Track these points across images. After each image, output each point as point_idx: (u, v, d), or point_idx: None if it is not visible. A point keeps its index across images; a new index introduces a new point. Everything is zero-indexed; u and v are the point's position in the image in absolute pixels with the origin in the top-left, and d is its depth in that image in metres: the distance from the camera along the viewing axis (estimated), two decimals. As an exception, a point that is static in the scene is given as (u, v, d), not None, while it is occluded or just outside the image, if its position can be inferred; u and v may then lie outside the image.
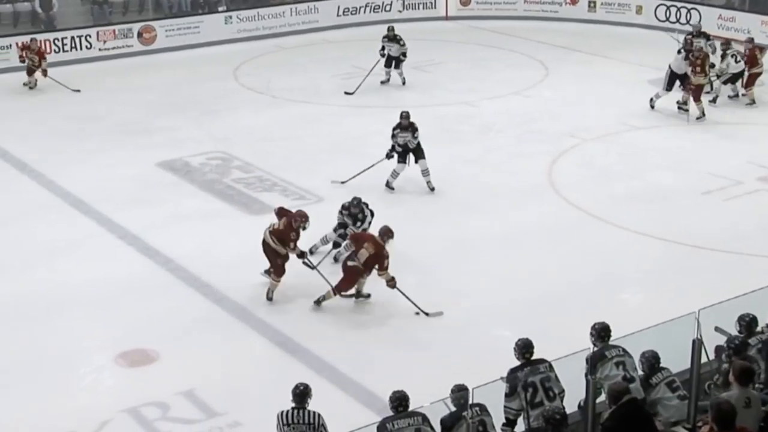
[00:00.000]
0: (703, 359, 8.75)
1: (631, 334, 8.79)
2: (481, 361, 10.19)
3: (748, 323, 9.27)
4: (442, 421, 8.06)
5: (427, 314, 11.82)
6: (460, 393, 8.12)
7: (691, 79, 19.05)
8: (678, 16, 26.53)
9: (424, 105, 20.25)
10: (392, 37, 21.41)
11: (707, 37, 21.30)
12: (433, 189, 15.66)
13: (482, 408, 8.10)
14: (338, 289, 12.01)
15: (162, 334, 11.49)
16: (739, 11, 25.74)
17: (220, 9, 26.60)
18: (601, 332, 8.96)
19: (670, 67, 19.63)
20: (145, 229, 14.35)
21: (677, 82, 19.51)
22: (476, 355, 10.82)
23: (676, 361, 8.78)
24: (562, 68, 23.25)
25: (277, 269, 12.19)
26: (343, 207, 13.38)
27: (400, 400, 8.07)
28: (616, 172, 16.69)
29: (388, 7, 28.03)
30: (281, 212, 12.44)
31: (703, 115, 19.00)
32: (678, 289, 12.24)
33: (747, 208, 15.13)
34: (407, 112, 15.88)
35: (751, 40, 21.03)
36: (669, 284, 12.59)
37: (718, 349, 9.02)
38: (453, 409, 8.08)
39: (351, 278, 12.00)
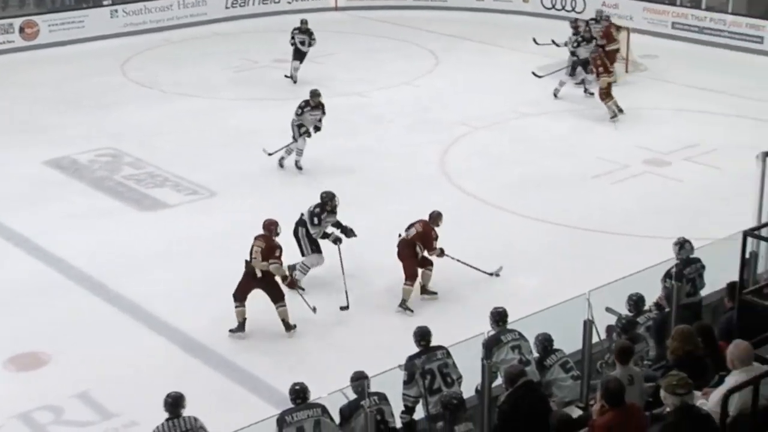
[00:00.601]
0: (596, 339, 8.97)
1: (527, 317, 8.94)
2: (383, 350, 10.25)
3: (635, 302, 9.54)
4: (341, 411, 8.08)
5: (490, 274, 12.51)
6: (358, 381, 8.15)
7: (597, 79, 19.19)
8: (563, 4, 27.04)
9: (316, 96, 20.27)
10: (305, 30, 21.22)
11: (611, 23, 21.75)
12: (301, 168, 16.12)
13: (381, 396, 8.14)
14: (409, 278, 11.95)
15: (54, 336, 11.24)
16: (622, -2, 26.38)
17: (105, 3, 26.09)
18: (498, 317, 9.10)
19: (574, 54, 20.03)
20: (33, 229, 14.03)
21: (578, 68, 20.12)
22: (374, 344, 10.90)
23: (569, 342, 8.97)
24: (453, 57, 23.48)
25: (278, 292, 11.39)
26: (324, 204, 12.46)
27: (298, 393, 8.05)
28: (508, 159, 16.94)
29: (277, -1, 27.92)
30: (253, 240, 11.46)
31: (617, 113, 18.82)
32: (570, 272, 12.50)
33: (634, 191, 15.54)
34: (318, 91, 16.13)
35: (607, 18, 21.85)
36: (562, 267, 12.85)
37: (609, 329, 9.25)
38: (352, 398, 8.10)
39: (406, 261, 11.99)
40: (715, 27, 24.51)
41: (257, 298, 11.34)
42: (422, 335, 8.86)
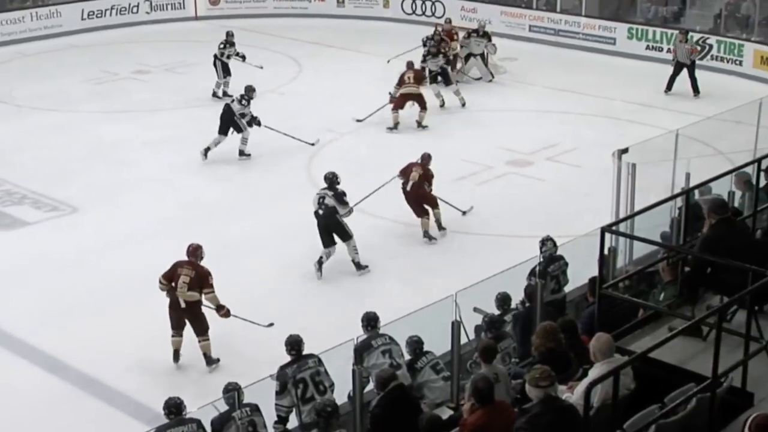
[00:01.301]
0: (465, 339, 9.10)
1: (396, 321, 9.00)
2: (255, 361, 10.18)
3: (501, 301, 9.72)
4: (212, 423, 8.01)
5: (463, 212, 14.44)
6: (229, 393, 8.08)
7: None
8: (423, 9, 27.37)
9: (179, 107, 20.00)
10: (233, 43, 20.92)
11: (489, 37, 22.07)
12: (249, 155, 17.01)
13: (253, 408, 8.09)
14: (420, 215, 13.81)
15: None
16: (479, 2, 26.82)
17: (-47, 16, 25.24)
18: (369, 321, 9.14)
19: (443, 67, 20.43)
20: None
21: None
22: (248, 354, 10.81)
23: (439, 343, 9.08)
24: (316, 64, 23.50)
25: (203, 325, 10.83)
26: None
27: (170, 407, 7.94)
28: (374, 164, 16.96)
29: (135, 9, 27.40)
30: (176, 267, 10.82)
31: (395, 126, 18.81)
32: (438, 273, 12.65)
33: (498, 191, 15.83)
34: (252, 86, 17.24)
35: (448, 21, 22.78)
36: (429, 269, 12.98)
37: (477, 329, 9.40)
38: (224, 410, 8.03)
39: (413, 202, 13.82)
40: (570, 29, 25.20)
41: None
42: (293, 344, 8.83)
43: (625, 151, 11.35)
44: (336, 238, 12.93)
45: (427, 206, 13.96)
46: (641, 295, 9.33)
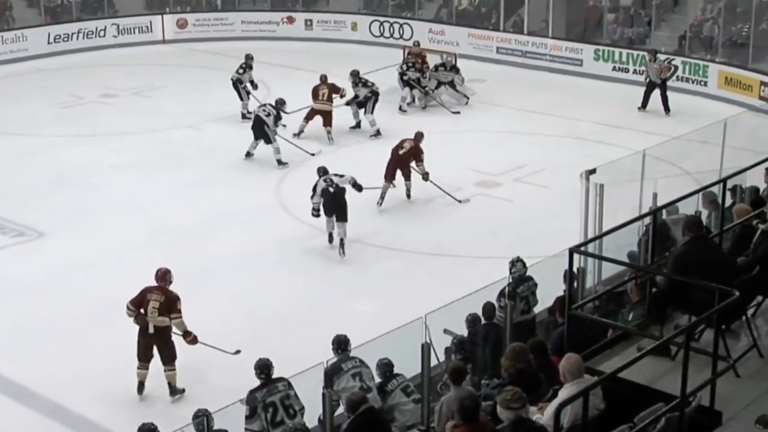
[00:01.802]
0: (435, 361, 9.09)
1: (367, 343, 8.97)
2: (223, 389, 10.10)
3: (471, 322, 9.73)
4: (183, 450, 7.93)
5: (459, 201, 15.95)
6: (198, 419, 8.02)
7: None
8: (392, 31, 27.47)
9: (147, 130, 19.91)
10: (251, 66, 21.04)
11: (456, 70, 22.17)
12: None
13: (222, 434, 8.04)
14: (388, 179, 15.83)
15: None
16: (447, 24, 27.02)
17: None
18: (339, 344, 9.11)
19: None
20: None
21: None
22: (216, 382, 10.73)
23: (409, 365, 9.05)
24: (284, 87, 23.43)
25: (171, 353, 10.69)
26: None
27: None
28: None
29: (102, 33, 27.31)
30: (145, 293, 10.72)
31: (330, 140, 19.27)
32: (407, 295, 12.65)
33: (466, 213, 15.87)
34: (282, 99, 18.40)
35: (416, 43, 23.29)
36: (399, 290, 12.98)
37: (447, 350, 9.39)
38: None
39: (393, 165, 15.98)
40: (537, 51, 25.38)
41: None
42: (262, 368, 8.79)
43: (593, 171, 11.42)
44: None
45: (403, 176, 16.06)
46: (610, 315, 9.37)
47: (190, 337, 10.68)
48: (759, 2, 23.12)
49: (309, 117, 19.39)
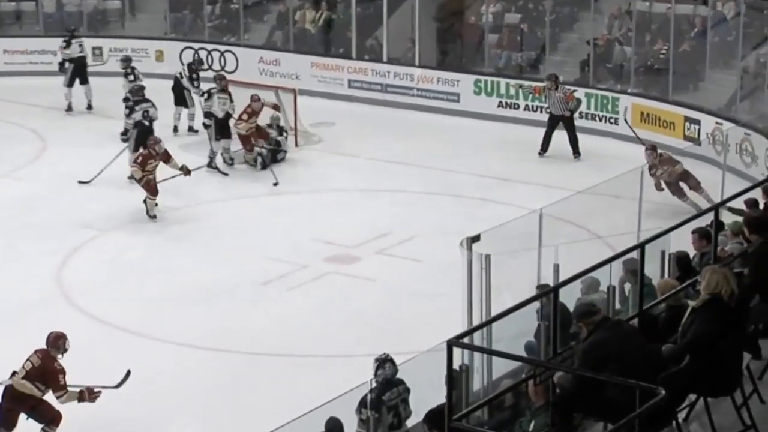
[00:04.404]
0: None
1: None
2: None
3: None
4: None
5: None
6: None
7: None
8: (210, 62, 27.40)
9: None
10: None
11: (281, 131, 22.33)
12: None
13: None
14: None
15: None
16: (284, 52, 27.12)
17: None
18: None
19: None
20: None
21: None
22: None
23: None
24: (65, 137, 23.15)
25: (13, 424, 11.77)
26: None
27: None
28: (149, 267, 16.85)
29: None
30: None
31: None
32: (242, 412, 12.58)
33: (316, 297, 15.89)
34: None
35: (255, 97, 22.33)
36: (230, 406, 12.87)
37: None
38: None
39: None
40: (401, 84, 25.68)
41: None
42: None
43: (477, 238, 11.60)
44: None
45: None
46: (505, 425, 9.44)
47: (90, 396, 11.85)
48: (678, 17, 23.83)
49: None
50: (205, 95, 21.85)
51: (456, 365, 8.63)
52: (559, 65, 24.81)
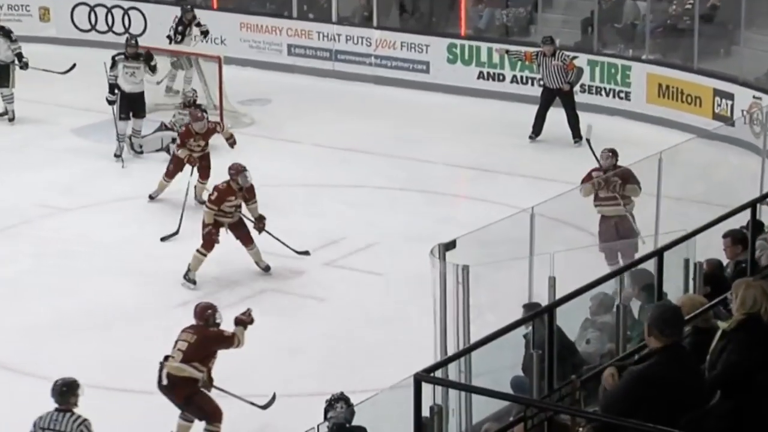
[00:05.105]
0: None
1: None
2: None
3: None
4: None
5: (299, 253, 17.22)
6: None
7: None
8: (111, 22, 27.33)
9: None
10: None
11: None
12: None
13: None
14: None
15: None
16: (205, 9, 26.97)
17: None
18: None
19: None
20: None
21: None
22: None
23: None
24: None
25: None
26: None
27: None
28: (35, 289, 16.82)
29: None
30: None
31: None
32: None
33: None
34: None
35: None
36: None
37: None
38: None
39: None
40: (355, 50, 25.76)
41: None
42: None
43: (452, 245, 11.62)
44: None
45: None
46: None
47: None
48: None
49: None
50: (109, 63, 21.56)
51: (426, 406, 8.65)
52: (554, 25, 24.81)
